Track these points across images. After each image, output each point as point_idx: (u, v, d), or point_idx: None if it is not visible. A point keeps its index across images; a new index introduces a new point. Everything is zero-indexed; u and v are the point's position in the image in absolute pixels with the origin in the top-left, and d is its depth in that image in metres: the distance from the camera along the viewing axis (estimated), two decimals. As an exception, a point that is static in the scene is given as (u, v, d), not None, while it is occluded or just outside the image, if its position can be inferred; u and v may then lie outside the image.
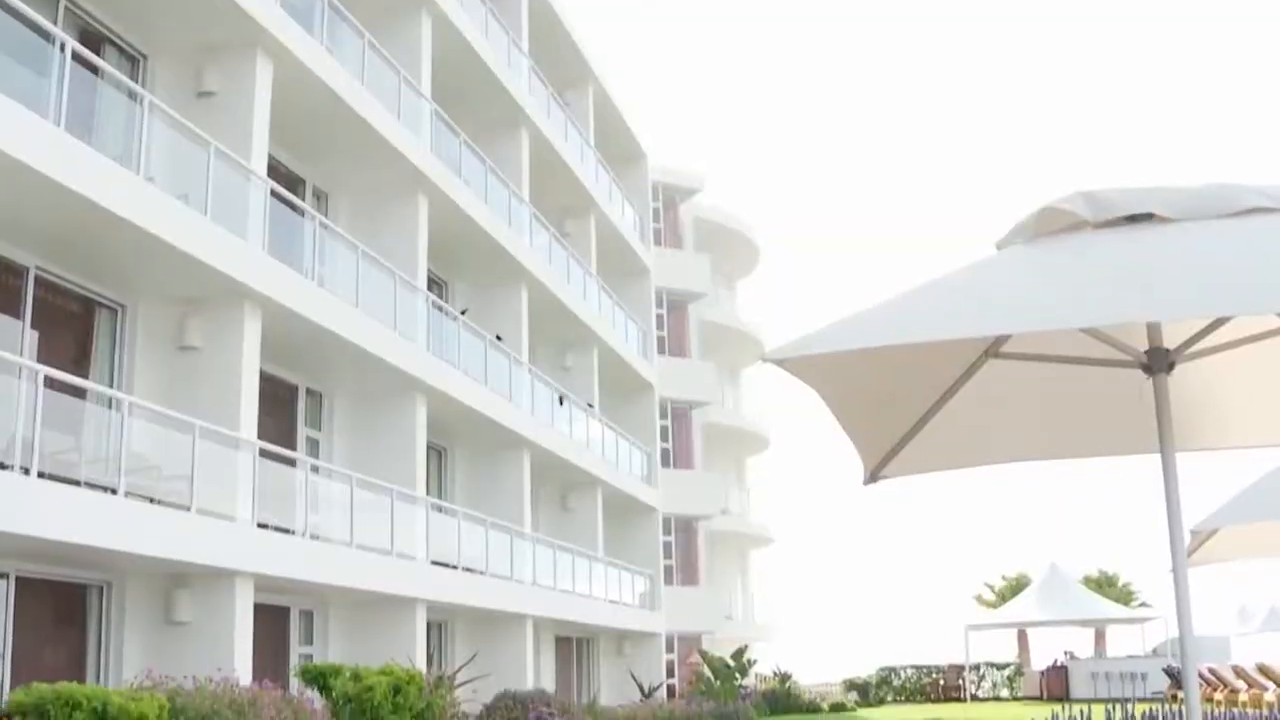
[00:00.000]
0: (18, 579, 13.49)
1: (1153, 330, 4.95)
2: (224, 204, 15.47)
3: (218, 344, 15.92)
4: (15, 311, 14.10)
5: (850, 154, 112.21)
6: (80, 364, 15.17)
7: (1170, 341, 4.95)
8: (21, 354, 13.36)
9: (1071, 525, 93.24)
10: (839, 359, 4.52)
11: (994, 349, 5.17)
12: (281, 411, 19.51)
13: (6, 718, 9.50)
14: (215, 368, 15.85)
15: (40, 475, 11.75)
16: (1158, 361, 4.91)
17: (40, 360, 13.18)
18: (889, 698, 40.99)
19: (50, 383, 12.31)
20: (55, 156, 12.32)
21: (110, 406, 13.95)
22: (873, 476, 5.60)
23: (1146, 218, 4.40)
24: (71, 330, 15.41)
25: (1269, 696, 26.14)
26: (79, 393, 13.62)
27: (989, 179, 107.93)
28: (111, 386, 15.03)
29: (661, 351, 38.91)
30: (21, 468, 11.63)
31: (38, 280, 14.40)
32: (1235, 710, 16.99)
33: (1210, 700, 28.29)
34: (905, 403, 5.38)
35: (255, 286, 15.82)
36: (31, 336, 14.22)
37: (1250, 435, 5.81)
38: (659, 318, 39.18)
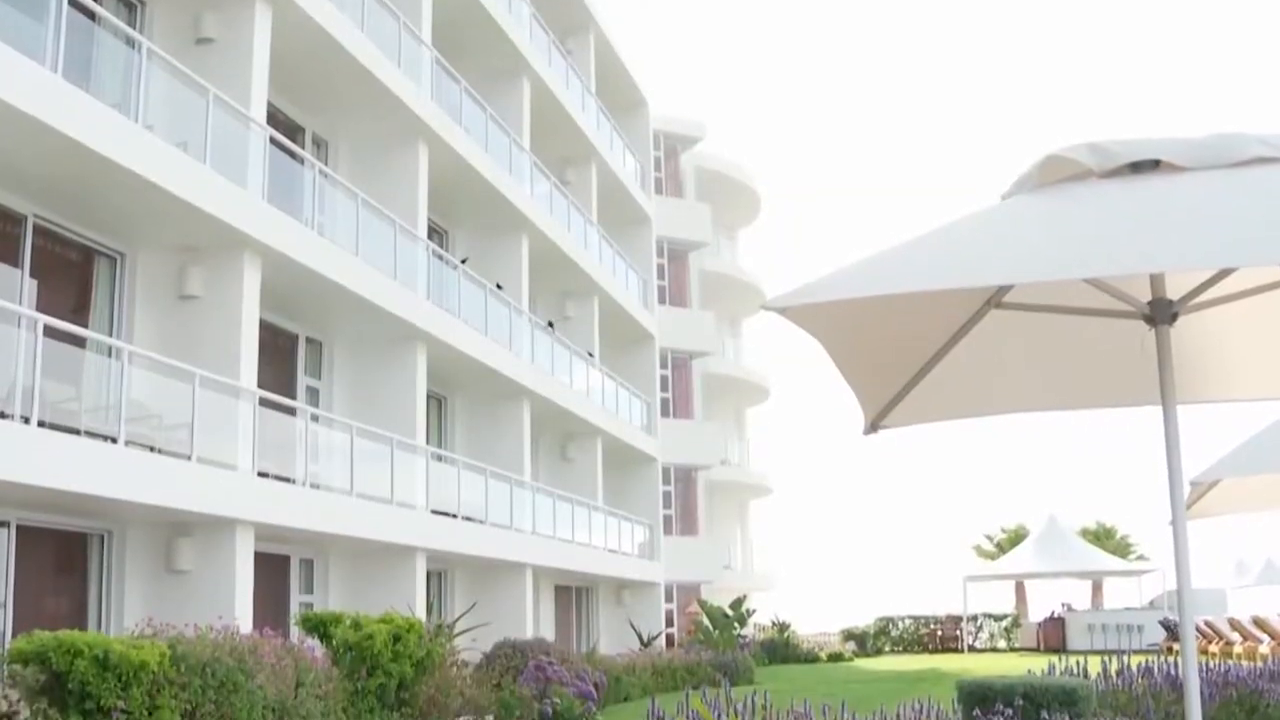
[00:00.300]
0: (19, 528, 13.52)
1: (1156, 281, 4.92)
2: (223, 152, 15.39)
3: (217, 292, 15.89)
4: (14, 260, 14.05)
5: (853, 102, 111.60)
6: (80, 313, 15.14)
7: (1173, 292, 4.91)
8: (21, 303, 13.33)
9: (1070, 477, 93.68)
10: (841, 307, 4.48)
11: (996, 299, 5.13)
12: (282, 360, 19.50)
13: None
14: (215, 316, 15.83)
15: (41, 424, 11.75)
16: (1161, 313, 4.87)
17: (39, 309, 13.16)
18: (886, 648, 41.21)
19: (50, 331, 12.29)
20: (52, 103, 12.23)
21: (110, 355, 13.93)
22: (873, 426, 5.57)
23: (1151, 166, 4.35)
24: (71, 279, 15.37)
25: (1264, 649, 26.31)
26: (79, 341, 13.60)
27: (993, 128, 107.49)
28: (111, 335, 15.01)
29: (662, 301, 38.87)
30: (22, 417, 11.63)
31: (36, 228, 14.35)
32: (1230, 663, 17.04)
33: (1205, 653, 28.49)
34: (906, 352, 5.34)
35: (255, 235, 15.77)
36: (30, 285, 14.18)
37: (1252, 388, 5.78)
38: (660, 267, 39.08)
